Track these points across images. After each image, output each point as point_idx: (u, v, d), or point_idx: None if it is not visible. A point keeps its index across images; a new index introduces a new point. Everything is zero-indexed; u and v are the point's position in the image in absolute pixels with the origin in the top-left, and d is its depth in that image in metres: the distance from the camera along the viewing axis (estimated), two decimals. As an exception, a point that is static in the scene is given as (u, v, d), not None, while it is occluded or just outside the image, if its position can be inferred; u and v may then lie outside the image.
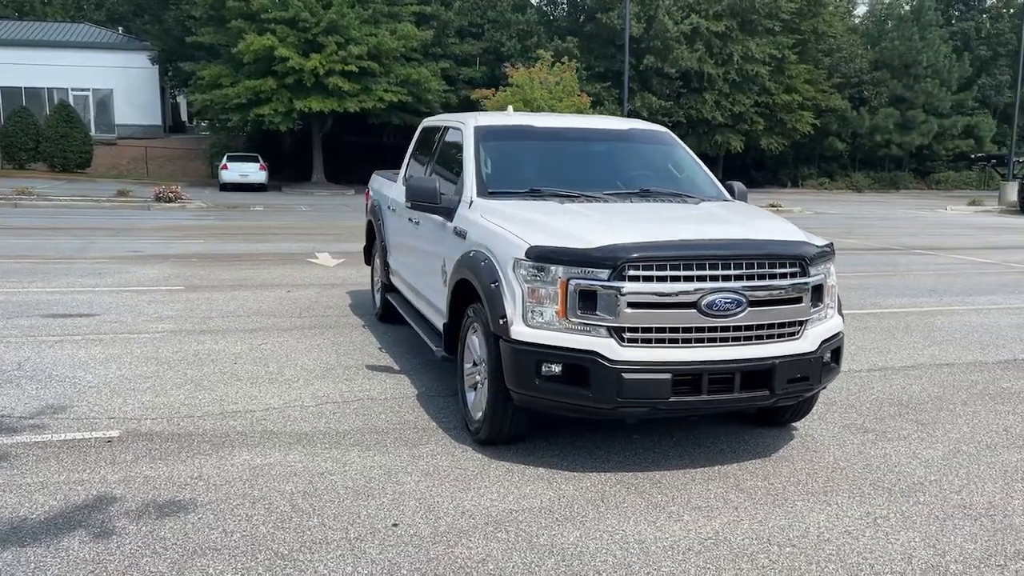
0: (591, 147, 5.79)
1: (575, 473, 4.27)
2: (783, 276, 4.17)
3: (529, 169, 5.47)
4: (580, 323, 4.02)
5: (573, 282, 4.01)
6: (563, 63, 28.95)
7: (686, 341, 4.04)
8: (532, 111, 27.23)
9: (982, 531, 3.68)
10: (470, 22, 40.44)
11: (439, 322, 5.51)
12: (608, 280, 3.96)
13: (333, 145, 40.41)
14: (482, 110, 32.33)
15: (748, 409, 4.75)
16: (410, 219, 6.20)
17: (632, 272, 3.96)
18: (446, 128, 6.15)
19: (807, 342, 4.26)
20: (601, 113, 32.87)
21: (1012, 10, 55.45)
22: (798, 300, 4.22)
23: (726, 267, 4.05)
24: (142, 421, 4.93)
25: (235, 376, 5.94)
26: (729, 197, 5.55)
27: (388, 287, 7.46)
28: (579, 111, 28.68)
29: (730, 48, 41.61)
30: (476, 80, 39.15)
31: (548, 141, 5.73)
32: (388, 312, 7.74)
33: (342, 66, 33.59)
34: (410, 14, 36.87)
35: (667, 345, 4.02)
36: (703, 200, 5.33)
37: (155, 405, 5.23)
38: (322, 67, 33.26)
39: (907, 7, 53.34)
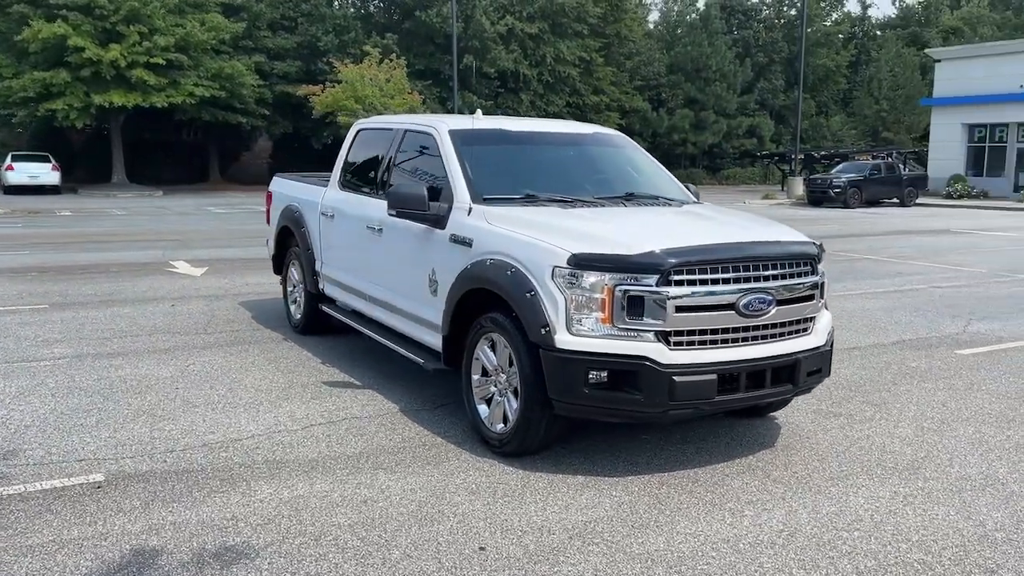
0: (562, 151, 5.82)
1: (615, 479, 4.30)
2: (801, 275, 4.43)
3: (512, 174, 5.41)
4: (627, 329, 4.05)
5: (620, 288, 4.03)
6: (391, 60, 28.57)
7: (725, 341, 4.19)
8: (364, 108, 26.71)
9: (996, 500, 4.10)
10: (282, 15, 38.91)
11: (423, 334, 5.34)
12: (655, 285, 4.02)
13: (133, 143, 37.49)
14: (309, 107, 31.32)
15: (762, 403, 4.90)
16: (369, 227, 5.93)
17: (677, 276, 4.05)
18: (405, 132, 5.94)
19: (818, 336, 4.56)
20: (427, 111, 32.76)
21: (784, 20, 61.20)
22: (812, 297, 4.50)
23: (756, 268, 4.25)
24: (120, 461, 4.40)
25: (188, 403, 5.42)
26: (694, 198, 5.77)
27: (317, 297, 7.09)
28: (412, 109, 28.46)
29: (543, 50, 42.88)
30: (291, 75, 37.79)
31: (523, 145, 5.69)
32: (313, 324, 7.37)
33: (147, 58, 31.24)
34: (217, 4, 34.90)
35: (710, 346, 4.15)
36: (684, 203, 5.52)
37: (121, 441, 4.68)
38: (124, 59, 30.76)
39: (695, 15, 57.41)
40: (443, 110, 37.72)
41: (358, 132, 6.76)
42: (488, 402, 4.73)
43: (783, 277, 4.33)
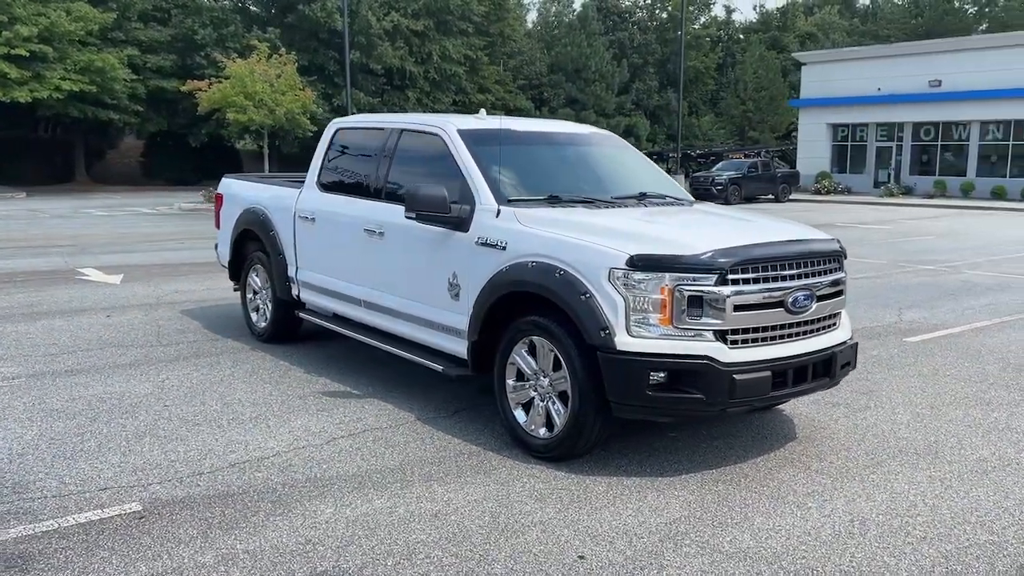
0: (567, 151, 5.79)
1: (669, 478, 4.33)
2: (834, 271, 4.60)
3: (528, 175, 5.33)
4: (687, 329, 4.09)
5: (680, 289, 4.06)
6: (280, 55, 27.62)
7: (775, 338, 4.30)
8: (255, 105, 25.71)
9: (1022, 479, 4.39)
10: (155, 6, 36.89)
11: (439, 340, 5.20)
12: (714, 285, 4.08)
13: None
14: (187, 103, 29.85)
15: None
16: (366, 230, 5.71)
17: (733, 276, 4.11)
18: (401, 131, 5.75)
19: (846, 330, 4.75)
20: (317, 109, 31.86)
21: (656, 23, 63.31)
22: (841, 293, 4.68)
23: (801, 265, 4.38)
24: (148, 488, 4.06)
25: (187, 421, 5.07)
26: (691, 197, 5.87)
27: (290, 304, 6.79)
28: (305, 106, 27.62)
29: (428, 47, 42.58)
30: (166, 70, 35.91)
31: (532, 146, 5.63)
32: (280, 332, 7.05)
33: (7, 49, 28.95)
34: (83, -8, 32.73)
35: (762, 344, 4.25)
36: (692, 202, 5.61)
37: (137, 466, 4.33)
38: (-20, 50, 28.39)
39: (573, 16, 58.55)
40: (329, 107, 36.83)
41: (336, 132, 6.49)
42: (525, 407, 4.66)
43: (821, 274, 4.49)
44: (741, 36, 72.84)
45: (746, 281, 4.15)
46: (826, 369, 4.53)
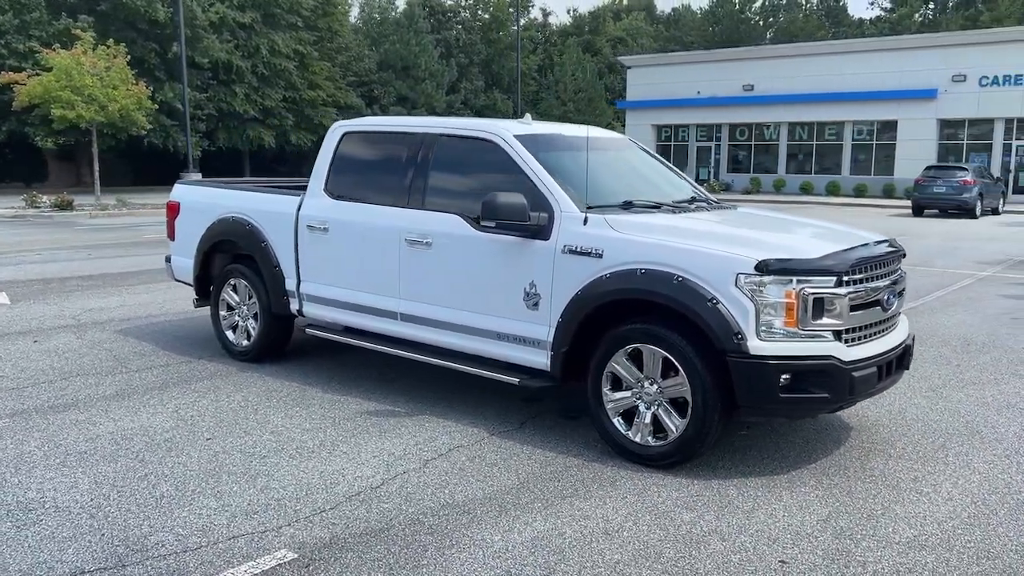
0: (608, 156, 5.78)
1: (782, 476, 4.47)
2: (903, 270, 4.93)
3: (591, 180, 5.26)
4: (811, 330, 4.24)
5: (805, 292, 4.20)
6: (108, 47, 25.28)
7: (873, 335, 4.55)
8: (84, 100, 23.46)
9: (1069, 452, 4.91)
10: (-60, -14, 32.68)
11: (509, 351, 5.05)
12: (834, 287, 4.26)
13: None
14: (9, 96, 26.63)
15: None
16: (409, 239, 5.43)
17: (847, 277, 4.32)
18: (438, 136, 5.51)
19: (907, 323, 5.10)
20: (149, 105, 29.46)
21: (480, 23, 64.04)
22: (905, 289, 5.02)
23: (887, 265, 4.66)
24: (281, 531, 3.68)
25: (253, 455, 4.63)
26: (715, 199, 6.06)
27: (282, 319, 6.37)
28: (140, 103, 25.52)
29: (256, 41, 40.64)
30: (-44, 60, 31.91)
31: (582, 152, 5.57)
32: (268, 349, 6.57)
33: None
34: None
35: (866, 341, 4.48)
36: (736, 206, 5.79)
37: (246, 510, 3.90)
38: None
39: (397, 12, 57.99)
40: (153, 103, 34.23)
41: (343, 136, 6.11)
42: (625, 416, 4.64)
43: (899, 272, 4.81)
44: (557, 39, 75.20)
45: (856, 282, 4.37)
46: (902, 361, 4.85)
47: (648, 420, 4.55)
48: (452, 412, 5.43)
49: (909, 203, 28.07)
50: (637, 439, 4.58)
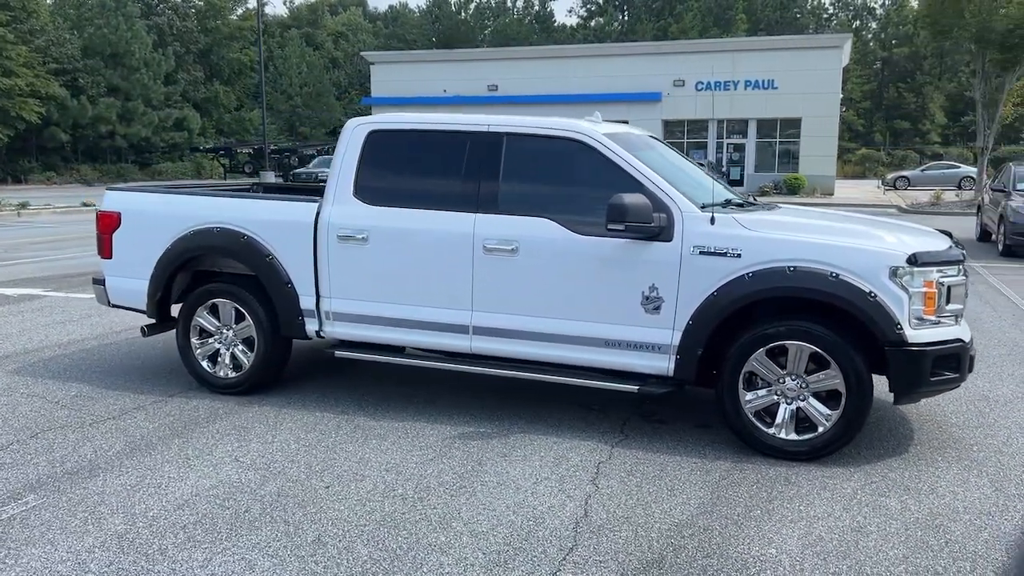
0: (663, 151, 5.71)
1: (844, 468, 4.76)
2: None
3: (674, 179, 5.16)
4: (944, 316, 4.57)
5: (940, 281, 4.52)
6: None
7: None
8: None
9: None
10: None
11: (625, 359, 4.85)
12: (958, 275, 4.63)
13: None
14: None
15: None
16: (487, 247, 4.99)
17: (963, 266, 4.72)
18: (506, 135, 5.09)
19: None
20: None
21: (195, 10, 59.59)
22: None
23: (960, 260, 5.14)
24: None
25: (395, 496, 4.01)
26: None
27: (285, 342, 5.65)
28: None
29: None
30: None
31: (652, 150, 5.46)
32: (265, 377, 5.74)
33: None
34: None
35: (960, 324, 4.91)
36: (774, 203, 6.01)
37: (473, 563, 3.38)
38: None
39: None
40: None
41: (369, 135, 5.42)
42: (762, 413, 4.67)
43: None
44: (277, 30, 72.28)
45: (957, 272, 4.76)
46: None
47: (789, 416, 4.62)
48: (548, 427, 5.09)
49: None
50: (781, 435, 4.63)
